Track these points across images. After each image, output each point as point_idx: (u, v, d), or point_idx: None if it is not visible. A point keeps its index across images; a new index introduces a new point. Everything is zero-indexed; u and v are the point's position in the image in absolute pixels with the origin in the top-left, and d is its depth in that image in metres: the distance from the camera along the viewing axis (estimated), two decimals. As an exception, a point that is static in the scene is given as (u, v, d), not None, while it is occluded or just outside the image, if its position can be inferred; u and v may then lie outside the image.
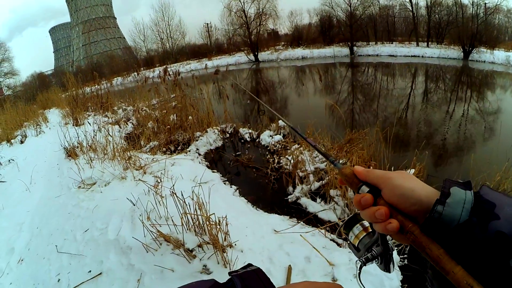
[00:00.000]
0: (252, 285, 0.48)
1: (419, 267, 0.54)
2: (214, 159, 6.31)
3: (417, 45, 32.76)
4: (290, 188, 4.57)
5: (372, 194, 0.56)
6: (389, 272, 0.63)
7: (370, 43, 35.93)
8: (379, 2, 36.47)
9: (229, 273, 0.51)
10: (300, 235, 3.18)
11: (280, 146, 6.17)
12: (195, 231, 3.07)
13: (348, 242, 0.70)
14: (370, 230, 0.67)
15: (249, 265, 0.53)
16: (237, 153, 6.33)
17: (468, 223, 0.46)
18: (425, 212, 0.50)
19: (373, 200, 0.56)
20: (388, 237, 0.60)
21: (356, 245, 0.67)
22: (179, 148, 6.98)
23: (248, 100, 13.21)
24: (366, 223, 0.68)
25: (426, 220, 0.48)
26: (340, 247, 3.11)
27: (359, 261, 0.63)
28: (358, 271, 0.63)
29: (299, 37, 42.72)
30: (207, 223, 2.94)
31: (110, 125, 8.86)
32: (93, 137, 6.40)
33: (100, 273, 2.99)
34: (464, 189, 0.49)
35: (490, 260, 0.43)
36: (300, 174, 4.64)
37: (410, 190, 0.52)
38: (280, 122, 6.96)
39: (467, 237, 0.45)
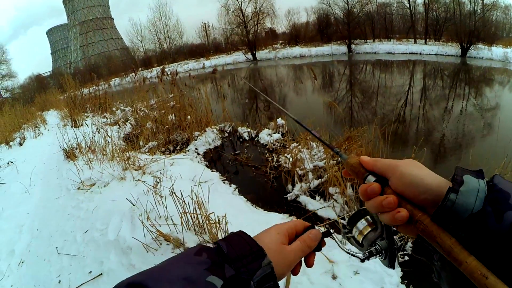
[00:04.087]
0: (236, 244, 0.53)
1: (425, 258, 0.53)
2: (213, 159, 6.31)
3: (415, 42, 32.84)
4: (289, 186, 4.56)
5: (379, 183, 0.54)
6: (393, 268, 0.61)
7: (367, 40, 35.99)
8: (376, -1, 36.55)
9: (214, 242, 0.54)
10: (300, 233, 3.18)
11: (278, 145, 6.18)
12: (195, 230, 3.07)
13: (347, 236, 0.68)
14: (375, 226, 0.63)
15: (232, 232, 0.58)
16: (236, 152, 6.33)
17: (482, 213, 0.44)
18: (434, 202, 0.48)
19: (381, 190, 0.54)
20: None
21: (360, 241, 0.65)
22: (178, 148, 6.97)
23: (247, 99, 13.21)
24: (371, 219, 0.65)
25: (438, 209, 0.46)
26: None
27: (363, 255, 0.61)
28: (354, 254, 0.63)
29: (297, 35, 42.73)
30: (207, 222, 2.94)
31: (108, 126, 8.87)
32: (92, 138, 6.40)
33: (101, 274, 2.99)
34: (477, 178, 0.47)
35: (504, 252, 0.42)
36: (299, 172, 4.64)
37: (419, 178, 0.51)
38: (279, 121, 6.96)
39: (481, 228, 0.44)
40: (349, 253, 0.65)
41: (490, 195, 0.45)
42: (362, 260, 0.61)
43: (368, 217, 0.65)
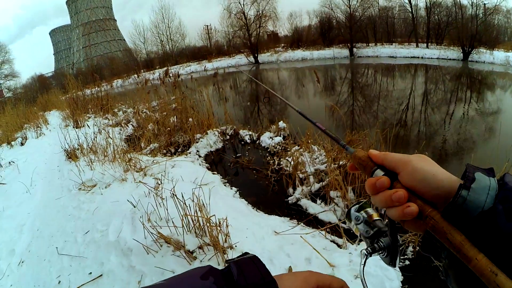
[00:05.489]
0: (248, 271, 0.48)
1: (433, 255, 0.52)
2: (214, 161, 6.32)
3: (417, 46, 32.88)
4: (290, 190, 4.56)
5: (388, 177, 0.53)
6: (394, 267, 0.60)
7: (369, 44, 36.07)
8: (378, 3, 36.66)
9: (226, 261, 0.51)
10: (301, 236, 3.18)
11: (280, 148, 6.17)
12: (195, 232, 3.07)
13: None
14: (374, 219, 0.61)
15: (246, 253, 0.54)
16: (237, 155, 6.33)
17: (492, 211, 0.44)
18: (445, 198, 0.48)
19: (390, 184, 0.52)
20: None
21: (358, 235, 0.63)
22: (180, 150, 6.98)
23: (248, 102, 13.23)
24: (371, 211, 0.63)
25: (449, 205, 0.46)
26: (341, 248, 3.11)
27: (365, 251, 0.59)
28: (362, 264, 0.59)
29: (299, 38, 42.83)
30: (208, 224, 2.94)
31: (110, 127, 8.87)
32: (94, 139, 6.41)
33: (101, 275, 2.99)
34: (488, 176, 0.47)
35: None
36: (300, 175, 4.64)
37: (431, 174, 0.50)
38: (280, 124, 6.96)
39: (491, 225, 0.43)
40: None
41: (501, 193, 0.45)
42: (366, 258, 0.59)
43: (368, 210, 0.63)
